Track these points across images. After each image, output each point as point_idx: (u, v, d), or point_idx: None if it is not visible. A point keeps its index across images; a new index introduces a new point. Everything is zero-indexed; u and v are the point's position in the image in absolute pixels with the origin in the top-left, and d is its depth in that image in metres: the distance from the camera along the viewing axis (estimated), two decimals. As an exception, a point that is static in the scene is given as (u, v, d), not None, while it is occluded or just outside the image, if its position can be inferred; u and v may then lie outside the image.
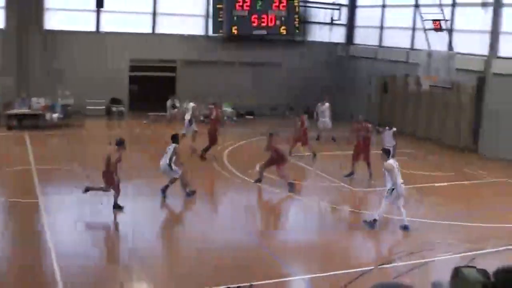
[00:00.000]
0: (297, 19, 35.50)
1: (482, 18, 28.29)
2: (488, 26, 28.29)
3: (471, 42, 29.32)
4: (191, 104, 26.88)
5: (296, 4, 35.20)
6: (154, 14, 34.39)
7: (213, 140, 24.88)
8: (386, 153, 17.68)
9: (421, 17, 30.04)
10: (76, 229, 16.54)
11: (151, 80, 34.71)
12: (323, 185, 22.22)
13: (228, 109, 33.95)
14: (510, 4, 27.66)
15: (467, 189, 22.88)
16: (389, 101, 34.54)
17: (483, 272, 5.80)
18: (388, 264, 14.69)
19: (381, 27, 36.27)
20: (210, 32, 35.46)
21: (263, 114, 35.57)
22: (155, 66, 34.50)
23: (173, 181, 19.08)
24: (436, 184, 22.63)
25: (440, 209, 19.47)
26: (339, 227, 18.44)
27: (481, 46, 28.74)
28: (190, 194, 19.34)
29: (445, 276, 6.06)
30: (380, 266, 14.39)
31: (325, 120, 29.39)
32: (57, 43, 32.43)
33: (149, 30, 34.50)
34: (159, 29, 34.65)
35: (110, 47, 33.31)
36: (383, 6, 36.15)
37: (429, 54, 28.33)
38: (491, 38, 28.31)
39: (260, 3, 34.72)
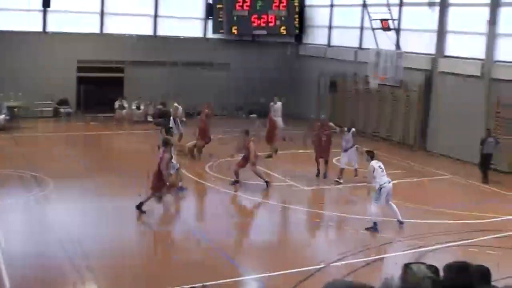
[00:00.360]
0: (297, 19, 35.40)
1: (429, 17, 28.71)
2: (434, 25, 28.73)
3: (418, 41, 29.74)
4: (175, 105, 27.12)
5: (296, 4, 35.08)
6: (102, 14, 33.99)
7: (205, 137, 25.35)
8: (369, 154, 17.98)
9: (369, 16, 30.34)
10: (23, 232, 16.27)
11: (99, 81, 34.39)
12: (275, 185, 22.25)
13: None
14: (455, 3, 28.12)
15: (415, 186, 23.16)
16: (339, 99, 34.81)
17: (433, 268, 5.85)
18: (339, 262, 14.75)
19: (330, 27, 36.50)
20: (159, 32, 35.25)
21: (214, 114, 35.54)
22: (103, 67, 34.11)
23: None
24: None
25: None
26: (291, 226, 18.50)
27: (428, 45, 29.20)
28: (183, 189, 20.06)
29: (395, 273, 6.10)
30: (331, 264, 14.45)
31: (279, 119, 29.38)
32: (3, 43, 31.82)
33: (97, 30, 34.09)
34: (107, 29, 34.26)
35: (58, 48, 32.82)
36: (332, 5, 36.38)
37: (378, 53, 28.61)
38: (438, 37, 28.74)
39: (260, 3, 34.67)
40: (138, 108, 33.62)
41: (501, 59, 26.00)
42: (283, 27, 35.14)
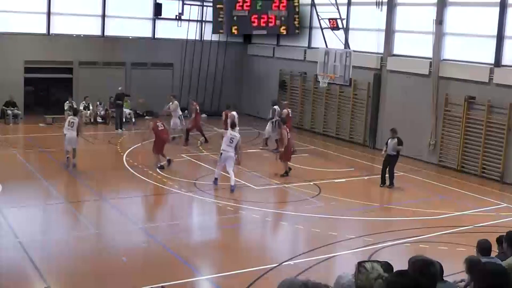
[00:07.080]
0: (297, 19, 35.19)
1: (377, 17, 29.02)
2: (382, 24, 29.04)
3: (367, 40, 30.03)
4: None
5: (296, 4, 34.85)
6: (49, 14, 33.41)
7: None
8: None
9: (318, 16, 30.49)
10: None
11: (47, 82, 33.86)
12: (226, 184, 22.20)
13: (126, 110, 33.39)
14: (403, 3, 28.46)
15: (365, 183, 23.37)
16: (288, 99, 34.89)
17: (386, 265, 5.87)
18: (291, 261, 14.78)
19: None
20: (107, 32, 34.87)
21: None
22: (52, 68, 33.56)
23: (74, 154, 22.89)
24: (336, 180, 22.99)
25: (340, 204, 19.79)
26: (242, 225, 18.47)
27: (376, 44, 29.53)
28: (74, 165, 22.74)
29: (348, 270, 6.13)
30: (284, 263, 14.47)
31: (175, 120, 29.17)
32: None
33: (44, 31, 33.49)
34: (54, 30, 33.69)
35: (4, 48, 32.13)
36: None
37: (326, 52, 28.75)
38: (386, 36, 29.06)
39: (260, 3, 34.40)
40: (87, 108, 32.91)
41: (448, 58, 26.42)
42: (283, 27, 34.99)
